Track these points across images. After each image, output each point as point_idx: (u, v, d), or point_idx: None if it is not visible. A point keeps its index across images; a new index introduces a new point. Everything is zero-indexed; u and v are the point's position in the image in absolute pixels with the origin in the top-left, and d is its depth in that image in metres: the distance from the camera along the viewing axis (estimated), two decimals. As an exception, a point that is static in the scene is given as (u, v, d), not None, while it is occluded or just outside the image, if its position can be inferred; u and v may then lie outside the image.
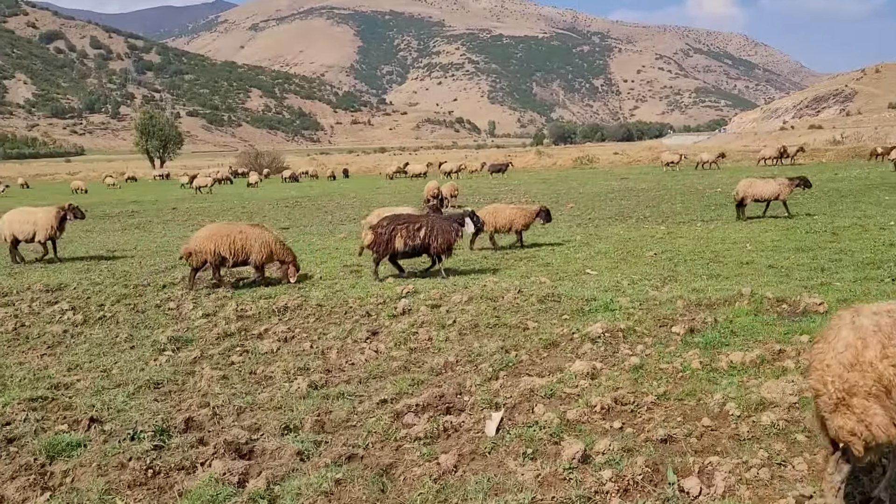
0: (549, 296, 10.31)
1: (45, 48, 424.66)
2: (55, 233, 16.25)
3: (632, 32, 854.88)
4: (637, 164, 62.71)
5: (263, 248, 12.27)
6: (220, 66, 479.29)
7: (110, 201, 41.31)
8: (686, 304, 9.46)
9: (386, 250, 12.43)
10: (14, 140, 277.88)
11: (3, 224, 16.23)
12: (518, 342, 8.19)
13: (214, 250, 12.06)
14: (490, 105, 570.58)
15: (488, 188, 38.75)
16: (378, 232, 12.36)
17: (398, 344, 8.42)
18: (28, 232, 16.07)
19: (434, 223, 12.50)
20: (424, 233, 12.32)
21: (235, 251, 12.15)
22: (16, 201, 43.18)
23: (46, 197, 49.12)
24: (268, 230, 12.64)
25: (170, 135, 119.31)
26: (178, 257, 12.73)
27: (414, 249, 12.46)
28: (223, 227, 12.61)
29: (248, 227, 12.51)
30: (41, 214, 16.17)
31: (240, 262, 12.40)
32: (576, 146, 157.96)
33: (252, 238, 12.26)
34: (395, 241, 12.32)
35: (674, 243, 15.57)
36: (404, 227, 12.36)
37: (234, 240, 12.15)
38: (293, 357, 8.06)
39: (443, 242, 12.42)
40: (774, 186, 19.14)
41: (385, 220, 12.69)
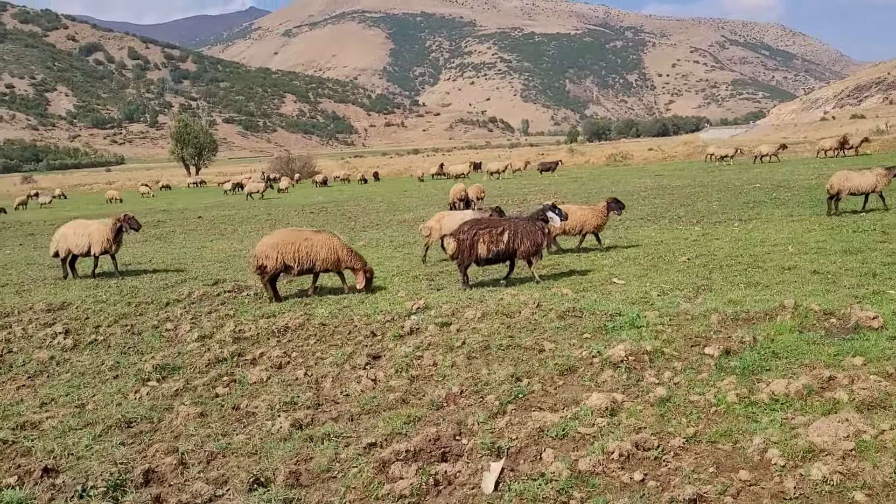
0: (569, 310, 9.44)
1: (84, 60, 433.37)
2: (111, 246, 15.46)
3: (665, 26, 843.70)
4: (672, 160, 61.09)
5: (330, 256, 11.67)
6: (255, 73, 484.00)
7: (140, 210, 41.26)
8: (721, 318, 8.53)
9: (470, 257, 11.66)
10: (57, 151, 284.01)
11: (58, 238, 15.68)
12: (531, 368, 7.35)
13: (277, 258, 11.50)
14: (523, 103, 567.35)
15: (517, 189, 37.81)
16: (460, 239, 11.61)
17: (399, 370, 7.64)
18: (83, 245, 15.41)
19: (517, 225, 11.71)
20: (508, 237, 11.56)
21: (300, 259, 11.56)
22: (49, 212, 43.49)
23: (80, 207, 49.50)
24: (335, 236, 12.03)
25: (204, 142, 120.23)
26: (252, 270, 12.14)
27: (498, 255, 11.72)
28: (288, 234, 11.93)
29: (313, 234, 11.86)
30: (95, 227, 15.57)
31: (306, 270, 11.79)
32: (610, 143, 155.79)
33: (318, 245, 11.64)
34: (477, 248, 11.58)
35: (709, 246, 14.54)
36: (486, 231, 11.59)
37: (300, 248, 11.55)
38: (282, 388, 7.32)
39: (530, 245, 11.66)
40: (871, 178, 17.63)
41: (466, 225, 11.89)
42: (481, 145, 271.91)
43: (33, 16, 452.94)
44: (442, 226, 14.77)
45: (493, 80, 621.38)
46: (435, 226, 15.00)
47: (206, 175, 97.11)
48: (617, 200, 15.51)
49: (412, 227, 22.93)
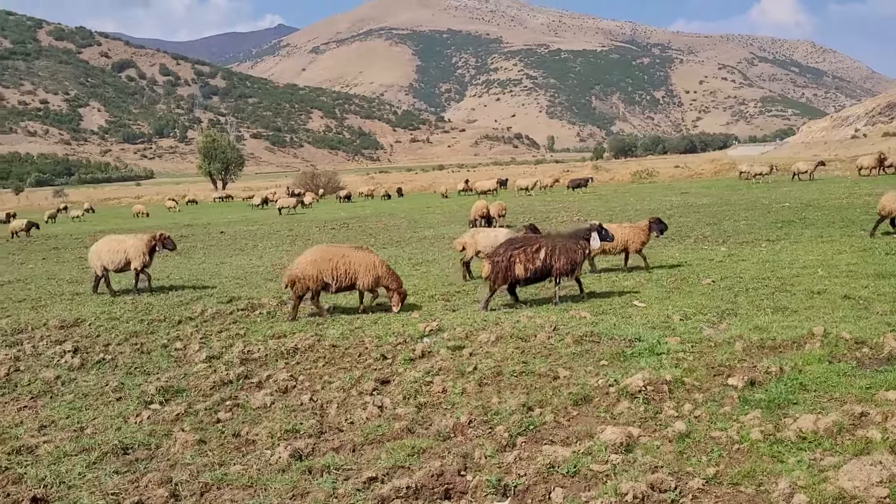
0: (587, 335, 9.10)
1: (117, 76, 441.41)
2: (146, 260, 15.36)
3: (693, 42, 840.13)
4: (699, 178, 60.36)
5: (369, 273, 11.38)
6: (283, 89, 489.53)
7: (165, 225, 41.50)
8: (746, 346, 8.15)
9: (506, 279, 11.28)
10: (88, 165, 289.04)
11: (94, 254, 15.51)
12: (544, 397, 7.03)
13: (316, 276, 11.27)
14: (549, 120, 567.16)
15: (541, 205, 37.48)
16: (495, 261, 11.25)
17: (407, 397, 7.36)
18: (119, 261, 15.24)
19: (555, 243, 11.38)
20: (545, 254, 11.21)
21: (339, 276, 11.31)
22: (76, 226, 43.92)
23: (107, 221, 50.01)
24: (373, 253, 11.77)
25: (231, 157, 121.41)
26: (283, 286, 11.86)
27: (536, 274, 11.33)
28: (326, 251, 11.70)
29: (352, 250, 11.63)
30: (132, 242, 15.40)
31: (344, 288, 11.53)
32: (635, 159, 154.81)
33: (357, 262, 11.39)
34: (514, 268, 11.18)
35: (735, 268, 14.11)
36: (521, 250, 11.22)
37: (338, 265, 11.31)
38: (285, 414, 7.07)
39: (566, 263, 11.30)
40: None
41: (500, 247, 11.54)
42: (506, 161, 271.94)
43: (68, 33, 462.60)
44: (476, 241, 14.52)
45: (519, 96, 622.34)
46: (469, 241, 14.71)
47: (232, 190, 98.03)
48: (659, 220, 15.01)
49: (432, 244, 22.71)
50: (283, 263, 19.78)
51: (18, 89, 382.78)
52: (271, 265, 19.54)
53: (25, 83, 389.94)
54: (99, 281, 15.68)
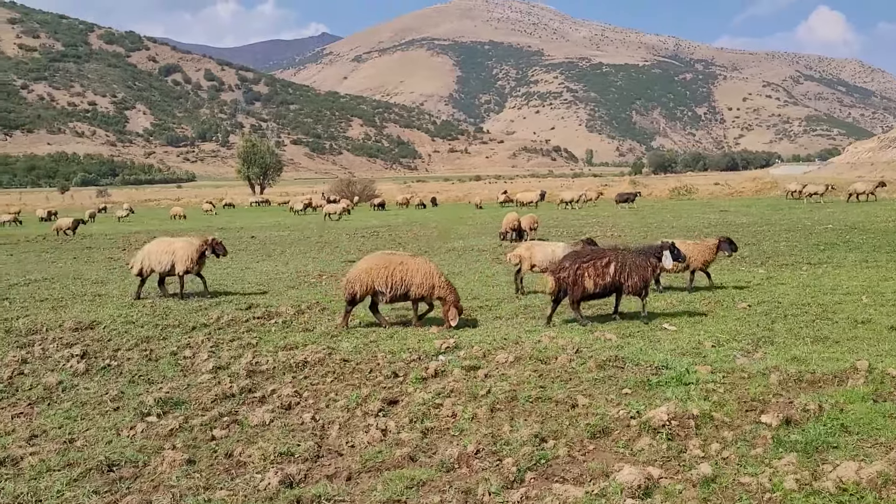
0: (611, 359, 8.58)
1: (163, 80, 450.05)
2: (193, 266, 14.89)
3: (738, 59, 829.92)
4: (739, 196, 59.05)
5: (425, 282, 10.93)
6: (324, 97, 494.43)
7: (200, 227, 41.72)
8: (782, 379, 7.56)
9: (575, 293, 10.89)
10: (132, 167, 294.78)
11: (142, 256, 15.12)
12: (560, 427, 6.54)
13: (370, 283, 10.95)
14: (588, 133, 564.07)
15: (575, 219, 36.82)
16: (561, 277, 10.83)
17: (413, 420, 6.92)
18: (166, 263, 14.83)
19: (625, 258, 10.93)
20: (614, 269, 10.79)
21: (394, 284, 10.92)
22: (112, 226, 44.39)
23: (145, 222, 50.53)
24: (431, 262, 11.31)
25: (270, 162, 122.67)
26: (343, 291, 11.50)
27: (605, 289, 10.93)
28: (382, 258, 11.29)
29: (409, 258, 11.20)
30: (180, 245, 14.97)
31: (398, 297, 11.11)
32: (674, 175, 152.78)
33: (412, 270, 10.96)
34: (583, 282, 10.77)
35: (773, 292, 13.42)
36: (591, 264, 10.82)
37: (393, 272, 10.92)
38: (283, 434, 6.68)
39: (637, 281, 10.87)
40: None
41: (566, 260, 11.11)
42: (544, 174, 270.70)
43: (118, 37, 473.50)
44: (532, 255, 14.02)
45: (559, 109, 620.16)
46: (525, 254, 14.18)
47: (270, 194, 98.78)
48: (730, 241, 14.27)
49: (460, 255, 22.29)
50: (307, 271, 19.53)
51: (69, 91, 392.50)
52: (296, 272, 19.28)
53: (75, 85, 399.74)
54: (143, 284, 15.22)
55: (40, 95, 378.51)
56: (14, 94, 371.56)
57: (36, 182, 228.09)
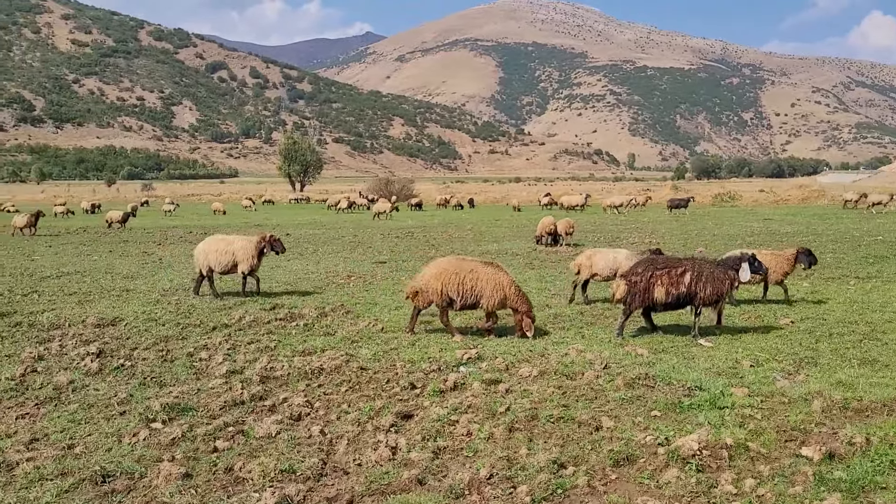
0: (640, 377, 8.09)
1: (209, 77, 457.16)
2: (255, 264, 14.64)
3: (786, 64, 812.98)
4: (785, 204, 57.52)
5: (496, 292, 10.43)
6: (366, 96, 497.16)
7: (237, 224, 41.94)
8: (826, 406, 7.01)
9: (643, 302, 10.45)
10: (177, 162, 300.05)
11: (199, 253, 14.77)
12: (581, 452, 6.10)
13: (441, 290, 10.49)
14: (630, 137, 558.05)
15: (613, 225, 36.09)
16: (633, 281, 10.40)
17: (426, 438, 6.54)
18: (226, 262, 14.48)
19: (701, 268, 10.40)
20: (689, 279, 10.28)
21: (464, 293, 10.46)
22: (152, 220, 44.83)
23: (186, 216, 51.07)
24: (503, 271, 10.77)
25: (310, 160, 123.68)
26: (405, 297, 11.08)
27: (678, 300, 10.42)
28: (453, 264, 10.77)
29: (481, 266, 10.67)
30: (240, 244, 14.58)
31: (468, 306, 10.67)
32: (718, 181, 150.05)
33: (485, 279, 10.47)
34: (654, 291, 10.32)
35: (818, 308, 12.74)
36: (665, 273, 10.35)
37: (464, 279, 10.45)
38: (289, 448, 6.36)
39: (712, 293, 10.33)
40: None
41: (639, 266, 10.66)
42: (585, 177, 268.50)
43: (167, 34, 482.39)
44: (593, 263, 13.46)
45: (601, 112, 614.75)
46: (585, 262, 13.60)
47: (310, 192, 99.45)
48: (809, 252, 13.56)
49: (493, 258, 21.80)
50: (337, 271, 19.30)
51: (118, 86, 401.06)
52: (325, 272, 19.05)
53: (125, 80, 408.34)
54: (201, 282, 14.97)
55: (91, 90, 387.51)
56: (66, 88, 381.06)
57: (84, 175, 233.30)
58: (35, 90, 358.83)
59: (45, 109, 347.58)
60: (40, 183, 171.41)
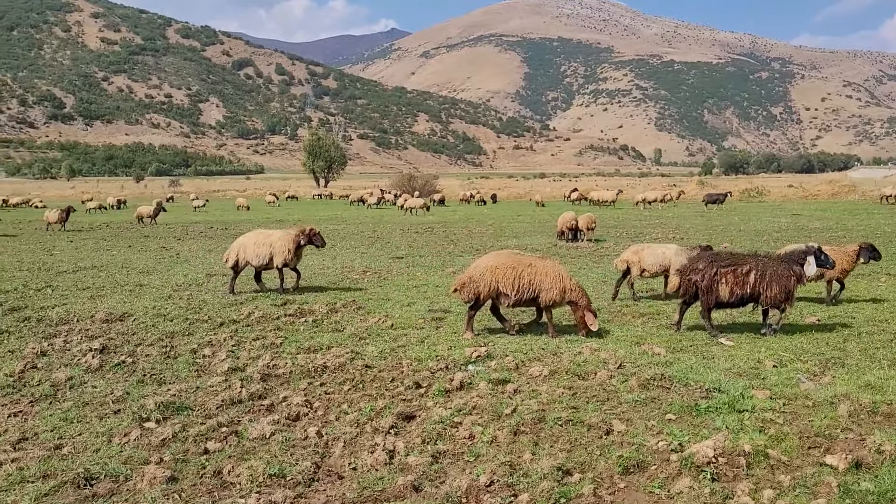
0: (656, 378, 7.71)
1: (236, 74, 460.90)
2: (292, 258, 14.29)
3: (817, 58, 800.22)
4: (814, 199, 56.36)
5: (554, 286, 9.93)
6: (391, 92, 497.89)
7: (259, 219, 41.97)
8: (853, 410, 6.59)
9: (707, 300, 9.95)
10: (204, 158, 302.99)
11: (237, 248, 14.43)
12: (588, 458, 5.75)
13: (493, 284, 9.99)
14: (657, 132, 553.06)
15: (637, 220, 35.50)
16: (692, 280, 9.90)
17: (426, 441, 6.23)
18: (264, 256, 14.16)
19: (765, 266, 9.84)
20: (754, 278, 9.72)
21: (521, 287, 9.94)
22: (175, 216, 45.00)
23: (209, 212, 51.25)
24: (559, 264, 10.33)
25: (335, 156, 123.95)
26: (452, 290, 10.45)
27: (741, 299, 9.88)
28: (508, 257, 10.29)
29: (537, 260, 10.21)
30: (278, 237, 14.27)
31: (524, 302, 10.11)
32: (746, 177, 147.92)
33: (542, 273, 9.97)
34: (718, 289, 9.77)
35: (846, 306, 12.23)
36: (730, 270, 9.79)
37: (521, 274, 9.95)
38: (282, 450, 6.08)
39: (778, 291, 9.72)
40: None
41: (700, 261, 10.12)
42: (610, 172, 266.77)
43: (194, 31, 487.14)
44: (641, 259, 12.94)
45: (627, 107, 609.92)
46: (633, 259, 13.04)
47: (333, 188, 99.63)
48: (872, 248, 12.73)
49: (512, 255, 21.45)
50: (353, 266, 19.07)
51: (146, 83, 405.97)
52: (341, 267, 18.85)
53: (153, 77, 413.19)
54: (236, 277, 14.60)
55: (119, 87, 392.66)
56: (95, 85, 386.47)
57: (113, 171, 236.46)
58: (65, 88, 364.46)
59: (76, 107, 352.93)
60: (70, 179, 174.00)
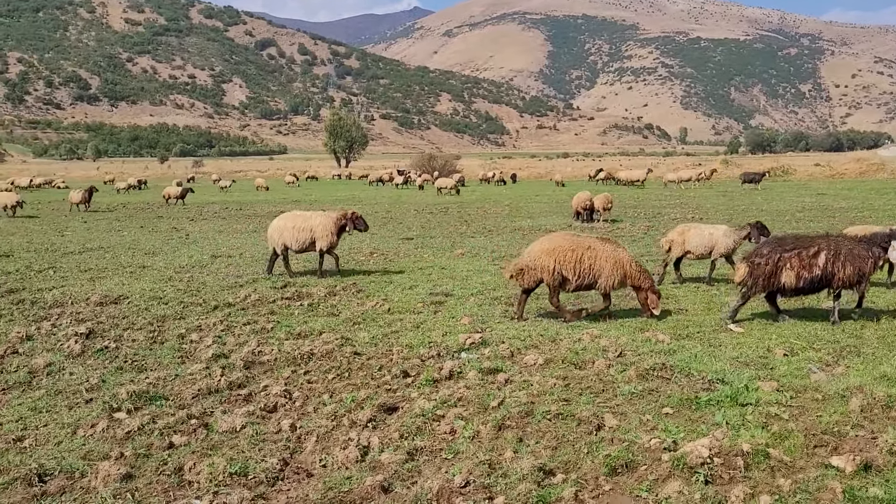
0: (656, 367, 7.26)
1: (259, 54, 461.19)
2: (334, 241, 13.81)
3: (847, 33, 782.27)
4: (841, 178, 55.04)
5: (616, 271, 9.55)
6: (414, 72, 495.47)
7: (276, 199, 41.76)
8: (866, 404, 6.11)
9: (767, 286, 9.28)
10: (228, 139, 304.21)
11: (273, 231, 13.90)
12: (574, 456, 5.35)
13: (554, 269, 9.55)
14: (682, 111, 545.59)
15: (656, 199, 34.79)
16: (755, 263, 9.24)
17: (404, 436, 5.86)
18: (303, 240, 13.64)
19: (838, 246, 9.20)
20: (825, 260, 9.11)
21: (581, 272, 9.53)
22: (193, 197, 44.96)
23: (230, 194, 51.16)
24: (621, 247, 9.95)
25: (356, 136, 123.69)
26: (507, 276, 10.07)
27: (812, 283, 9.22)
28: (566, 240, 9.85)
29: (597, 243, 9.76)
30: (319, 220, 13.68)
31: (584, 286, 9.71)
32: (772, 155, 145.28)
33: (603, 257, 9.56)
34: (781, 275, 9.14)
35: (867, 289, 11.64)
36: (795, 254, 9.17)
37: (581, 257, 9.52)
38: (250, 445, 5.75)
39: (852, 273, 9.13)
40: None
41: (765, 247, 9.48)
42: (634, 152, 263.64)
43: (217, 12, 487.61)
44: (686, 240, 12.37)
45: (653, 85, 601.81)
46: (677, 239, 12.48)
47: (355, 168, 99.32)
48: None
49: (524, 236, 20.99)
50: (360, 248, 18.73)
51: (170, 64, 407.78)
52: (348, 249, 18.49)
53: (176, 58, 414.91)
54: (275, 261, 14.23)
55: (144, 68, 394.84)
56: (120, 66, 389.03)
57: (138, 152, 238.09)
58: (91, 69, 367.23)
59: (101, 88, 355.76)
60: (96, 160, 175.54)
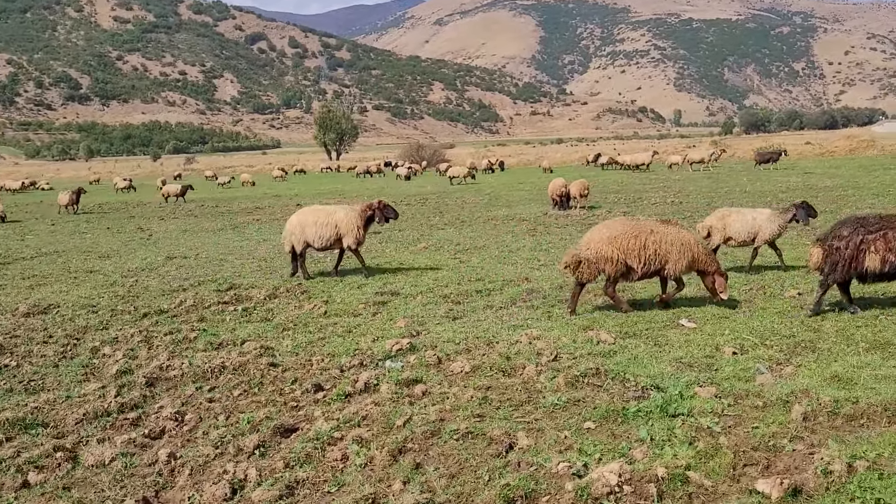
0: (589, 373, 6.62)
1: (249, 49, 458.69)
2: (361, 235, 12.70)
3: (840, 10, 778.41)
4: (830, 156, 54.35)
5: (683, 254, 8.86)
6: (405, 61, 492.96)
7: (258, 195, 41.06)
8: (810, 411, 5.49)
9: (847, 271, 8.43)
10: (221, 134, 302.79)
11: (293, 227, 12.76)
12: (469, 487, 4.71)
13: (617, 258, 8.85)
14: (676, 93, 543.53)
15: (638, 183, 34.10)
16: (833, 246, 8.44)
17: (289, 465, 5.22)
18: (328, 237, 12.53)
19: None
20: None
21: (647, 259, 8.85)
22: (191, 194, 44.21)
23: (213, 189, 50.39)
24: (685, 229, 9.23)
25: (346, 128, 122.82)
26: (562, 267, 9.23)
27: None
28: (627, 225, 9.11)
29: (660, 226, 9.07)
30: (343, 215, 12.55)
31: (650, 274, 9.04)
32: (765, 135, 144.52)
33: (668, 240, 8.86)
34: (864, 259, 8.30)
35: (836, 275, 11.00)
36: (880, 236, 8.27)
37: (646, 243, 8.82)
38: (112, 483, 5.10)
39: None
40: None
41: (844, 228, 8.56)
42: (629, 136, 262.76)
43: (206, 7, 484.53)
44: (726, 225, 11.55)
45: (646, 68, 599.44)
46: (716, 224, 11.68)
47: (347, 160, 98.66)
48: None
49: (496, 226, 20.33)
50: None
51: (160, 61, 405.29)
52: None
53: (166, 55, 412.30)
54: (303, 260, 13.03)
55: (134, 66, 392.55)
56: (110, 65, 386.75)
57: (131, 150, 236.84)
58: (81, 68, 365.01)
59: (91, 87, 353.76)
60: (88, 160, 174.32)
